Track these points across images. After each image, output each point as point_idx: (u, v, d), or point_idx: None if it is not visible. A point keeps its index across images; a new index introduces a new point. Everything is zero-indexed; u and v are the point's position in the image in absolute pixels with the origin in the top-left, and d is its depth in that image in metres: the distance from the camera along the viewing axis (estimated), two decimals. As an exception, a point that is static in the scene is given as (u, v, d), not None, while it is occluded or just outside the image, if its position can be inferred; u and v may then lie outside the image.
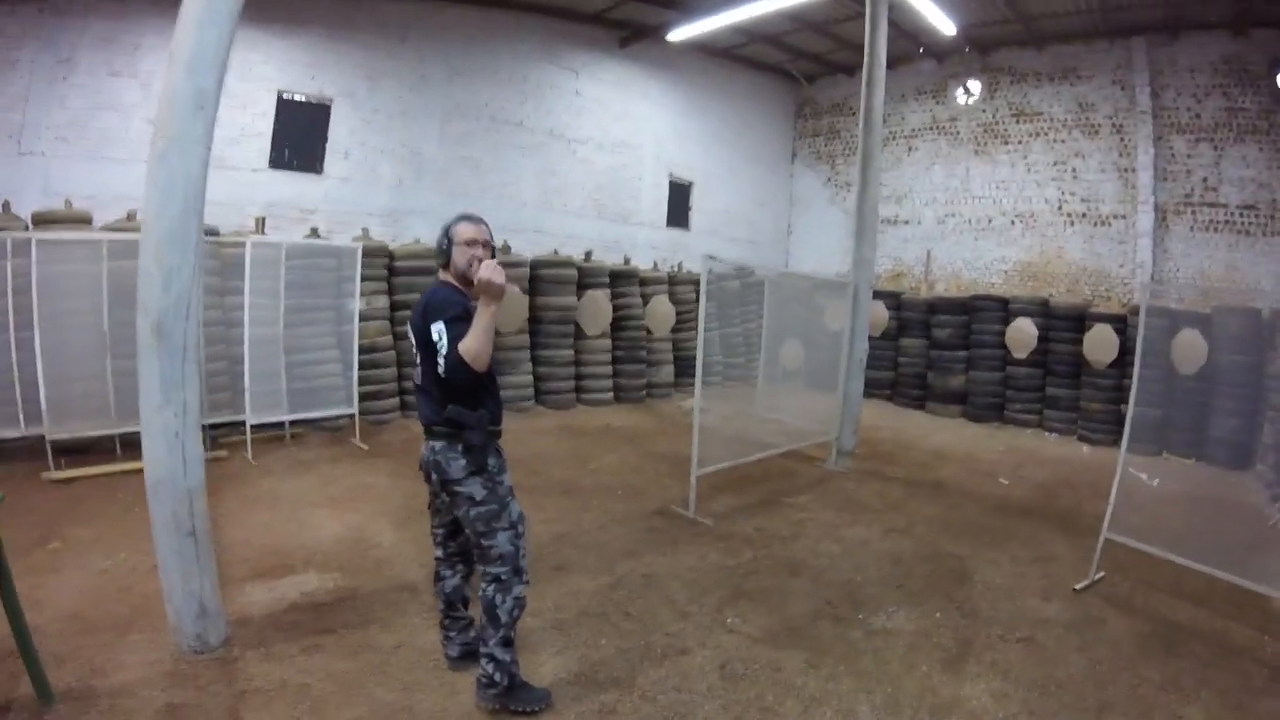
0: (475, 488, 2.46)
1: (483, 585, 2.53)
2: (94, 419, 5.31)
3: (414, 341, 2.51)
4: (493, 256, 2.48)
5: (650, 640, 3.31)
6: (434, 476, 2.52)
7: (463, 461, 2.45)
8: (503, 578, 2.49)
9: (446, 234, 2.53)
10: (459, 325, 2.31)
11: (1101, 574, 4.26)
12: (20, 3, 6.26)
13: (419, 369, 2.51)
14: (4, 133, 6.24)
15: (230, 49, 2.94)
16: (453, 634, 2.87)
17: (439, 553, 2.80)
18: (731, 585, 3.99)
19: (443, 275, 2.58)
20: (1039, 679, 3.16)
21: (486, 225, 2.59)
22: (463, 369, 2.25)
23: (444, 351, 2.29)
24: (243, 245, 5.86)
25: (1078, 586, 4.15)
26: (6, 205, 5.71)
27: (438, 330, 2.31)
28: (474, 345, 2.24)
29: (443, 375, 2.31)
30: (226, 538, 4.09)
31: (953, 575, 4.33)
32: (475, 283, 2.29)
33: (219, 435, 6.10)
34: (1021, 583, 4.23)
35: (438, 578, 2.84)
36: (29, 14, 6.27)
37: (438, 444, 2.48)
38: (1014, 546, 4.87)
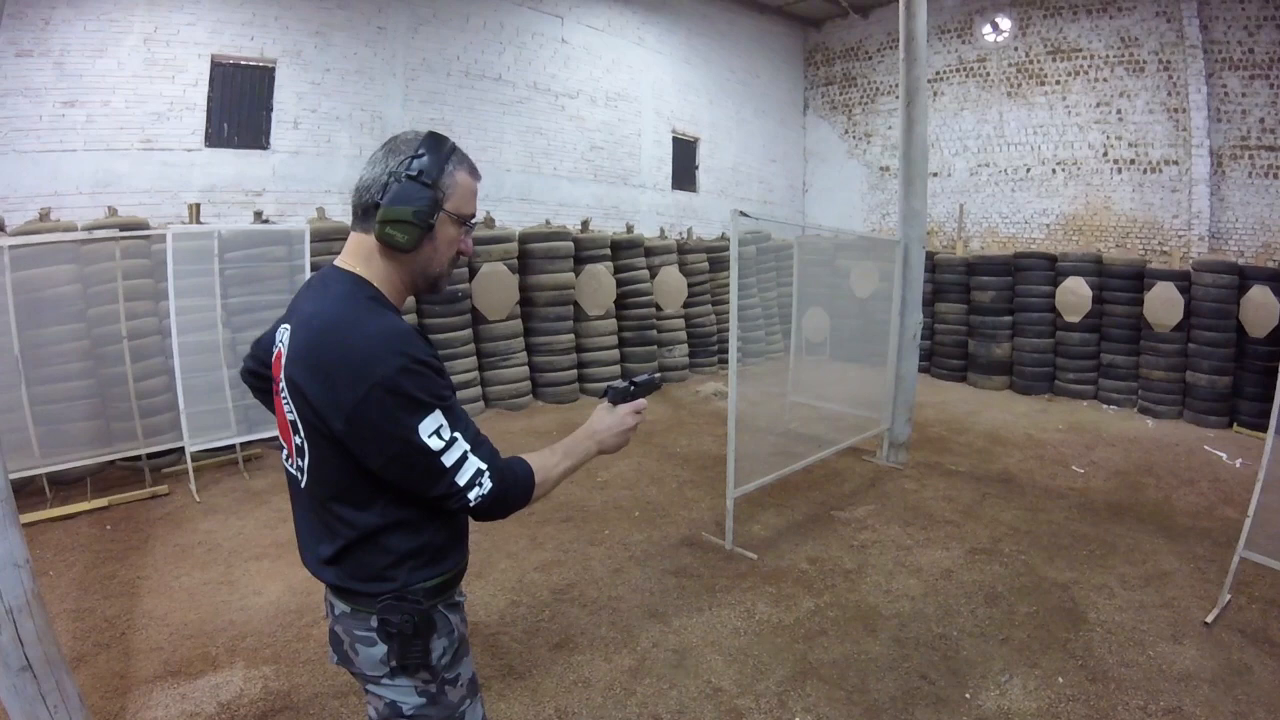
0: (404, 694, 1.32)
1: None
2: (15, 458, 4.41)
3: (293, 408, 1.23)
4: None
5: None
6: (334, 657, 1.38)
7: (381, 649, 1.29)
8: None
9: (436, 180, 1.22)
10: (467, 420, 1.24)
11: (1228, 597, 3.52)
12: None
13: (304, 459, 1.26)
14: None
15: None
16: None
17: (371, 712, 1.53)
18: (793, 657, 3.05)
19: (369, 257, 1.25)
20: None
21: None
22: (508, 506, 1.28)
23: (473, 481, 1.21)
24: (164, 238, 4.85)
25: (1208, 619, 3.40)
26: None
27: (432, 430, 1.16)
28: (551, 482, 1.37)
29: (472, 513, 1.26)
30: (144, 611, 3.36)
31: (1063, 614, 3.47)
32: (606, 424, 1.48)
33: (162, 466, 5.20)
34: (1143, 618, 3.44)
35: None
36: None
37: (338, 605, 1.33)
38: (1118, 563, 4.04)
